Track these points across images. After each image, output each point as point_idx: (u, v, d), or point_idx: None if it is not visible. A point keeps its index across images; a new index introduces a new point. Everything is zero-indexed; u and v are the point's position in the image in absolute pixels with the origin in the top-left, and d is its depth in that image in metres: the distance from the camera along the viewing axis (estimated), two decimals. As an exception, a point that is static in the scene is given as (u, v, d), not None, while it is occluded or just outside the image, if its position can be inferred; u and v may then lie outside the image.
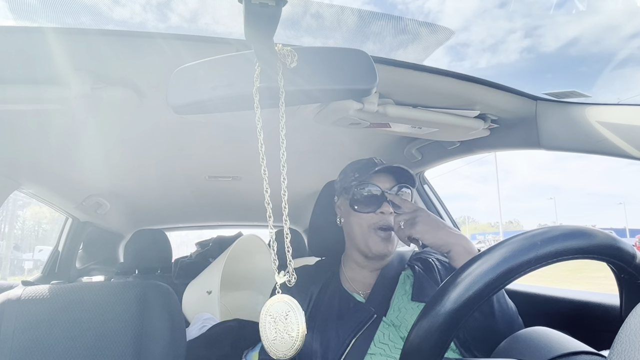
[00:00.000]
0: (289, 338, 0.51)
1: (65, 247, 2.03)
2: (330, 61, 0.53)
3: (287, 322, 0.52)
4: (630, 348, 0.28)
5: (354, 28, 0.81)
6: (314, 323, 0.84)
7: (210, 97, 0.52)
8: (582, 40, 29.11)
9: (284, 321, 0.52)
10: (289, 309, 0.52)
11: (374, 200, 0.87)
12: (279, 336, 0.52)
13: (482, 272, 0.39)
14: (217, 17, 0.74)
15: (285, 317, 0.52)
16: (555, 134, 0.91)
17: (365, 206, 0.87)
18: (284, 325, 0.52)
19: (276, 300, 0.54)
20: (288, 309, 0.52)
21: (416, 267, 0.92)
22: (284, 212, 0.52)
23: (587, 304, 0.92)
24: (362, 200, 0.87)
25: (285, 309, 0.52)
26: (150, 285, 1.12)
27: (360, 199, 0.88)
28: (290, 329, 0.51)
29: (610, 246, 0.41)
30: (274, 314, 0.53)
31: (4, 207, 1.38)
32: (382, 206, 0.86)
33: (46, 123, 1.04)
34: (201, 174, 1.64)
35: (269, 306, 0.54)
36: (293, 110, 0.97)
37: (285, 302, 0.53)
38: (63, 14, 0.70)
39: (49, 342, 1.01)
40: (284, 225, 0.53)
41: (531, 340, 0.47)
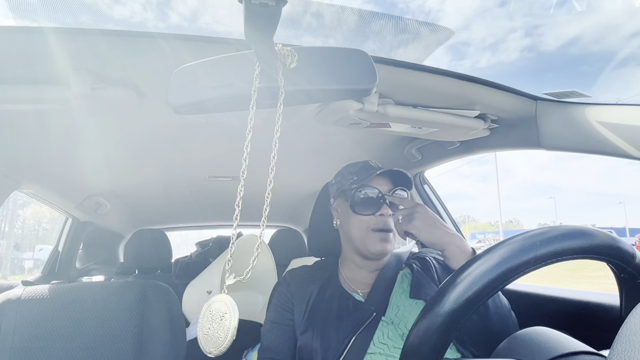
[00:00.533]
0: (218, 338, 0.52)
1: (65, 247, 2.03)
2: (330, 61, 0.53)
3: (222, 322, 0.52)
4: (630, 348, 0.28)
5: (354, 27, 0.81)
6: (314, 322, 0.84)
7: (210, 97, 0.52)
8: (582, 40, 28.90)
9: (219, 321, 0.53)
10: (226, 311, 0.53)
11: (373, 203, 0.87)
12: (211, 333, 0.53)
13: (481, 273, 0.39)
14: (217, 16, 0.74)
15: (221, 317, 0.53)
16: (555, 134, 0.91)
17: (365, 208, 0.88)
18: (218, 325, 0.52)
19: (219, 299, 0.54)
20: (226, 310, 0.53)
21: (414, 266, 0.92)
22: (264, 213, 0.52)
23: (587, 304, 0.92)
24: (361, 202, 0.88)
25: (223, 309, 0.53)
26: (150, 285, 1.12)
27: (359, 201, 0.88)
28: (221, 330, 0.52)
29: (610, 246, 0.41)
30: (214, 312, 0.54)
31: (4, 206, 1.38)
32: (381, 208, 0.87)
33: (46, 123, 1.04)
34: (201, 174, 1.64)
35: (211, 302, 0.54)
36: (293, 110, 0.97)
37: (225, 303, 0.54)
38: (63, 13, 0.70)
39: (49, 342, 1.01)
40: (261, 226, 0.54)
41: (531, 340, 0.47)
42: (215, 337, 0.52)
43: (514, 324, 0.74)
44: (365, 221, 0.88)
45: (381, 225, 0.87)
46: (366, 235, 0.87)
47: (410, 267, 0.93)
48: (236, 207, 0.53)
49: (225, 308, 0.53)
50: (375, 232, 0.87)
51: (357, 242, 0.89)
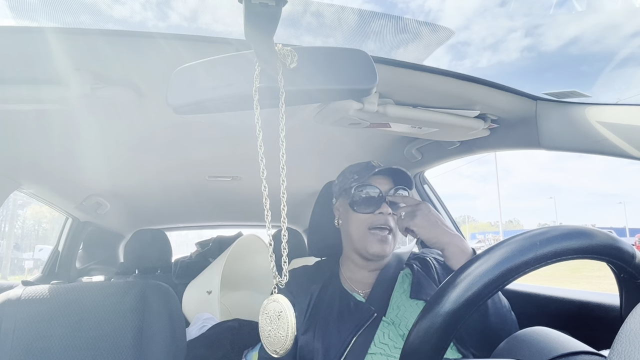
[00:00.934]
0: (281, 336, 0.53)
1: (65, 247, 2.03)
2: (331, 61, 0.53)
3: (280, 321, 0.53)
4: (630, 348, 0.28)
5: (354, 27, 0.81)
6: (315, 322, 0.84)
7: (210, 97, 0.52)
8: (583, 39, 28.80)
9: (277, 320, 0.54)
10: (281, 309, 0.54)
11: (373, 201, 0.88)
12: (273, 334, 0.54)
13: (481, 273, 0.39)
14: (217, 16, 0.74)
15: (278, 316, 0.54)
16: (555, 134, 0.91)
17: (365, 207, 0.88)
18: (277, 324, 0.54)
19: (272, 300, 0.56)
20: (280, 308, 0.54)
21: (414, 266, 0.92)
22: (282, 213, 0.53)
23: (587, 304, 0.92)
24: (361, 201, 0.89)
25: (278, 308, 0.54)
26: (150, 285, 1.12)
27: (359, 200, 0.89)
28: (282, 328, 0.53)
29: (610, 246, 0.41)
30: (270, 313, 0.55)
31: (4, 206, 1.38)
32: (381, 207, 0.87)
33: (46, 123, 1.04)
34: (201, 174, 1.64)
35: (265, 305, 0.56)
36: (293, 110, 0.97)
37: (278, 302, 0.55)
38: (63, 12, 0.70)
39: (49, 342, 1.01)
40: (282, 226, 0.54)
41: (531, 340, 0.47)
42: (278, 336, 0.53)
43: (513, 323, 0.74)
44: (365, 219, 0.88)
45: (380, 222, 0.87)
46: (365, 235, 0.87)
47: (410, 268, 0.93)
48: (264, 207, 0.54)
49: (279, 307, 0.54)
50: (374, 231, 0.87)
51: (356, 242, 0.89)
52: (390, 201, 0.88)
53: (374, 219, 0.87)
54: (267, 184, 0.53)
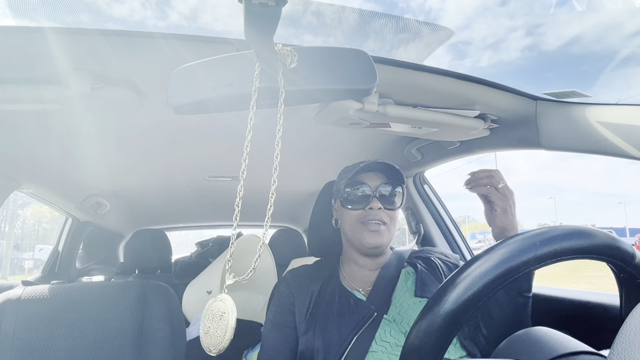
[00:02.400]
0: (217, 336, 0.53)
1: (65, 247, 2.03)
2: (331, 61, 0.53)
3: (221, 321, 0.53)
4: (630, 348, 0.28)
5: (354, 26, 0.81)
6: (315, 321, 0.84)
7: (210, 97, 0.52)
8: (584, 39, 28.95)
9: (218, 320, 0.54)
10: (225, 310, 0.54)
11: (362, 198, 0.89)
12: (211, 332, 0.54)
13: (481, 273, 0.39)
14: (217, 15, 0.74)
15: (220, 316, 0.54)
16: (555, 134, 0.91)
17: (355, 203, 0.89)
18: (217, 324, 0.54)
19: (219, 298, 0.55)
20: (225, 309, 0.54)
21: (418, 265, 0.93)
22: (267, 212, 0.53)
23: (587, 304, 0.92)
24: (352, 198, 0.90)
25: (222, 309, 0.54)
26: (150, 285, 1.12)
27: (350, 197, 0.90)
28: (220, 329, 0.53)
29: (610, 246, 0.41)
30: (214, 310, 0.55)
31: (4, 206, 1.38)
32: (370, 202, 0.88)
33: (46, 123, 1.04)
34: (201, 174, 1.64)
35: (212, 301, 0.56)
36: (293, 110, 0.97)
37: (225, 302, 0.55)
38: (62, 11, 0.70)
39: (49, 342, 1.01)
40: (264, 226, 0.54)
41: (531, 340, 0.47)
42: (215, 335, 0.53)
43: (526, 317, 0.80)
44: (356, 216, 0.89)
45: (372, 218, 0.87)
46: (358, 229, 0.88)
47: (413, 266, 0.94)
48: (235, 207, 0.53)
49: (224, 307, 0.54)
50: (367, 223, 0.87)
51: (351, 238, 0.90)
52: (381, 195, 0.88)
53: (365, 214, 0.88)
54: (265, 183, 0.52)
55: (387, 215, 0.88)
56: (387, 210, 0.88)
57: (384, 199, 0.89)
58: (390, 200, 0.89)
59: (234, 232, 0.56)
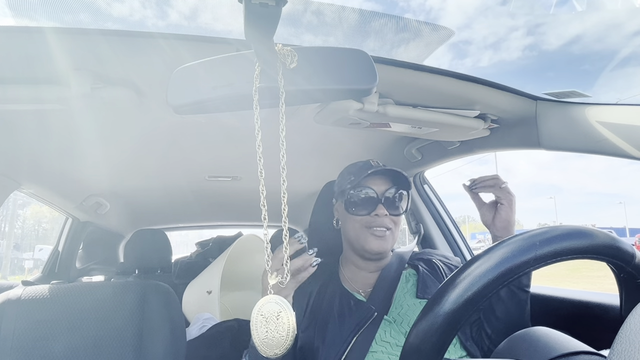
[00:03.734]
0: (280, 337, 0.53)
1: (65, 247, 2.03)
2: (331, 61, 0.53)
3: (279, 321, 0.53)
4: (630, 348, 0.28)
5: (354, 25, 0.81)
6: (315, 322, 0.84)
7: (210, 97, 0.52)
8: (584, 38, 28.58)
9: (275, 321, 0.53)
10: (280, 309, 0.54)
11: (368, 203, 0.87)
12: (270, 335, 0.53)
13: (481, 273, 0.39)
14: (217, 15, 0.74)
15: (277, 316, 0.54)
16: (555, 134, 0.91)
17: (360, 208, 0.87)
18: (275, 325, 0.53)
19: (268, 300, 0.55)
20: (280, 309, 0.54)
21: (419, 267, 0.92)
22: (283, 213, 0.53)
23: (587, 304, 0.92)
24: (357, 202, 0.88)
25: (277, 309, 0.54)
26: (150, 285, 1.12)
27: (355, 201, 0.88)
28: (281, 329, 0.53)
29: (610, 246, 0.41)
30: (266, 314, 0.54)
31: (4, 206, 1.38)
32: (376, 208, 0.86)
33: (46, 123, 1.04)
34: (201, 174, 1.64)
35: (260, 305, 0.55)
36: (293, 111, 0.97)
37: (276, 302, 0.55)
38: (62, 11, 0.70)
39: (49, 342, 1.01)
40: (283, 227, 0.54)
41: (531, 340, 0.47)
42: (277, 337, 0.53)
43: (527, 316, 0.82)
44: (360, 221, 0.87)
45: (377, 224, 0.86)
46: (362, 235, 0.87)
47: (415, 268, 0.93)
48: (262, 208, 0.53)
49: (278, 307, 0.54)
50: (372, 229, 0.86)
51: (354, 242, 0.89)
52: (387, 201, 0.87)
53: (370, 220, 0.86)
54: (267, 183, 0.52)
55: (392, 220, 0.87)
56: (391, 216, 0.87)
57: (389, 204, 0.87)
58: (395, 206, 0.88)
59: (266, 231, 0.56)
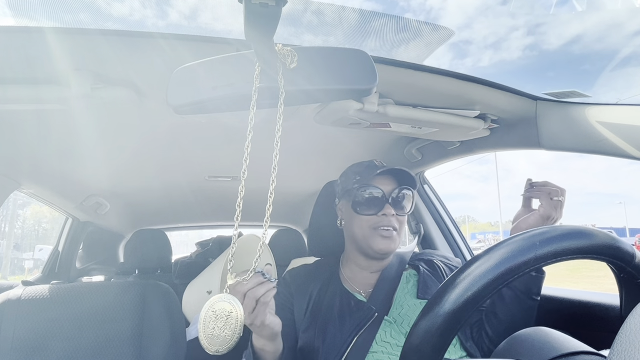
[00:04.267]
0: (226, 336, 0.53)
1: (65, 247, 2.03)
2: (331, 61, 0.53)
3: (228, 321, 0.54)
4: (630, 348, 0.28)
5: (355, 25, 0.81)
6: (315, 322, 0.84)
7: (210, 97, 0.52)
8: (585, 38, 28.81)
9: (224, 320, 0.54)
10: (232, 309, 0.54)
11: (376, 203, 0.87)
12: (216, 332, 0.54)
13: (481, 273, 0.39)
14: (216, 14, 0.74)
15: (227, 316, 0.54)
16: (555, 134, 0.91)
17: (367, 208, 0.87)
18: (224, 323, 0.54)
19: (222, 298, 0.55)
20: (232, 309, 0.54)
21: (420, 267, 0.92)
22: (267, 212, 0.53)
23: (587, 304, 0.92)
24: (364, 202, 0.87)
25: (229, 308, 0.55)
26: (150, 285, 1.12)
27: (362, 201, 0.88)
28: (228, 328, 0.53)
29: (610, 246, 0.41)
30: (217, 311, 0.55)
31: (4, 206, 1.38)
32: (384, 208, 0.86)
33: (46, 123, 1.04)
34: (201, 174, 1.64)
35: (213, 302, 0.55)
36: (293, 110, 0.97)
37: (230, 302, 0.55)
38: (62, 11, 0.70)
39: (49, 342, 1.01)
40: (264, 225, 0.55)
41: (531, 340, 0.47)
42: (222, 335, 0.54)
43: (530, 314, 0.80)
44: (368, 221, 0.87)
45: (384, 224, 0.86)
46: (369, 234, 0.87)
47: (415, 268, 0.93)
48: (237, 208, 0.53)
49: (230, 307, 0.55)
50: (378, 229, 0.86)
51: (360, 242, 0.89)
52: (394, 200, 0.87)
53: (377, 220, 0.86)
54: (265, 184, 0.53)
55: (398, 220, 0.88)
56: (398, 216, 0.87)
57: (396, 204, 0.87)
58: (402, 205, 0.88)
59: (235, 232, 0.56)
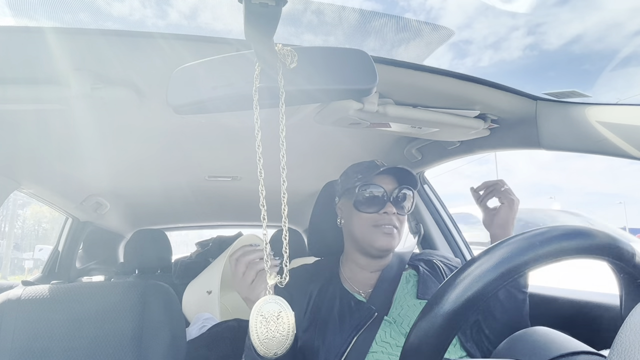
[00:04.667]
0: (281, 337, 0.53)
1: (65, 247, 2.03)
2: (331, 61, 0.53)
3: (279, 321, 0.53)
4: (630, 348, 0.28)
5: (355, 25, 0.81)
6: (315, 322, 0.84)
7: (210, 97, 0.52)
8: (585, 38, 28.64)
9: (275, 320, 0.54)
10: (280, 309, 0.54)
11: (377, 201, 0.87)
12: (270, 335, 0.53)
13: (481, 273, 0.39)
14: (216, 14, 0.74)
15: (277, 316, 0.54)
16: (555, 134, 0.91)
17: (369, 206, 0.87)
18: (276, 325, 0.53)
19: (267, 300, 0.55)
20: (280, 309, 0.54)
21: (420, 267, 0.92)
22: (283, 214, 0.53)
23: (587, 304, 0.92)
24: (365, 201, 0.88)
25: (277, 308, 0.54)
26: (150, 285, 1.12)
27: (363, 199, 0.88)
28: (282, 328, 0.53)
29: (610, 246, 0.41)
30: (266, 314, 0.54)
31: (4, 206, 1.38)
32: (385, 206, 0.87)
33: (46, 123, 1.04)
34: (201, 174, 1.64)
35: (260, 306, 0.55)
36: (293, 110, 0.97)
37: (276, 302, 0.55)
38: (61, 10, 0.70)
39: (49, 342, 1.01)
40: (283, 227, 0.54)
41: (531, 340, 0.47)
42: (277, 337, 0.53)
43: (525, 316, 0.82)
44: (369, 219, 0.87)
45: (385, 222, 0.86)
46: (371, 232, 0.87)
47: (415, 268, 0.93)
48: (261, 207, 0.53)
49: (278, 307, 0.55)
50: (379, 227, 0.87)
51: (361, 240, 0.89)
52: (395, 199, 0.88)
53: (378, 218, 0.87)
54: (267, 184, 0.53)
55: (399, 219, 0.88)
56: (399, 215, 0.88)
57: (397, 203, 0.88)
58: (403, 204, 0.89)
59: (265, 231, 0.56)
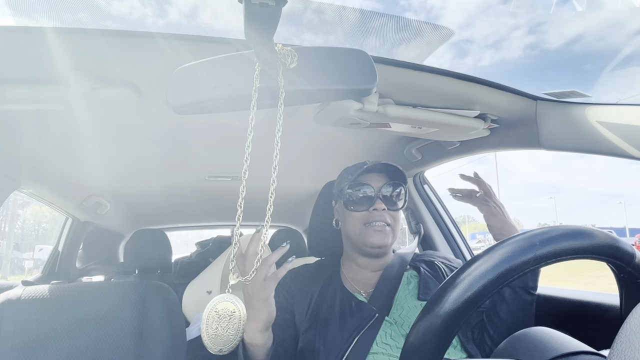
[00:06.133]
0: (229, 336, 0.54)
1: (65, 247, 2.03)
2: (331, 61, 0.53)
3: (231, 320, 0.54)
4: (630, 348, 0.28)
5: (355, 24, 0.81)
6: (316, 322, 0.84)
7: (210, 97, 0.52)
8: (586, 37, 28.62)
9: (228, 319, 0.54)
10: (235, 309, 0.55)
11: (366, 199, 0.89)
12: (220, 332, 0.54)
13: (481, 273, 0.39)
14: (216, 13, 0.74)
15: (230, 316, 0.55)
16: (555, 134, 0.91)
17: (359, 205, 0.89)
18: (227, 323, 0.54)
19: (225, 298, 0.56)
20: (234, 309, 0.55)
21: (421, 268, 0.92)
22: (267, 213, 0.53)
23: (587, 304, 0.92)
24: (355, 200, 0.89)
25: (232, 308, 0.55)
26: (150, 285, 1.12)
27: (353, 199, 0.90)
28: (232, 328, 0.54)
29: (610, 246, 0.41)
30: (220, 311, 0.55)
31: (4, 206, 1.38)
32: (374, 204, 0.88)
33: (46, 123, 1.04)
34: (201, 174, 1.64)
35: (216, 302, 0.56)
36: (293, 110, 0.97)
37: (233, 302, 0.56)
38: (61, 10, 0.70)
39: (49, 342, 1.01)
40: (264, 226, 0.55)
41: (531, 340, 0.47)
42: (226, 335, 0.54)
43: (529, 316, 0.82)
44: (360, 217, 0.89)
45: (376, 219, 0.87)
46: (362, 230, 0.88)
47: (416, 269, 0.93)
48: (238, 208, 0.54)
49: (233, 307, 0.55)
50: (370, 224, 0.87)
51: (354, 239, 0.90)
52: (384, 196, 0.88)
53: (369, 216, 0.88)
54: (266, 184, 0.53)
55: (391, 216, 0.89)
56: (390, 211, 0.88)
57: (387, 200, 0.89)
58: (393, 201, 0.90)
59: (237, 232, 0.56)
